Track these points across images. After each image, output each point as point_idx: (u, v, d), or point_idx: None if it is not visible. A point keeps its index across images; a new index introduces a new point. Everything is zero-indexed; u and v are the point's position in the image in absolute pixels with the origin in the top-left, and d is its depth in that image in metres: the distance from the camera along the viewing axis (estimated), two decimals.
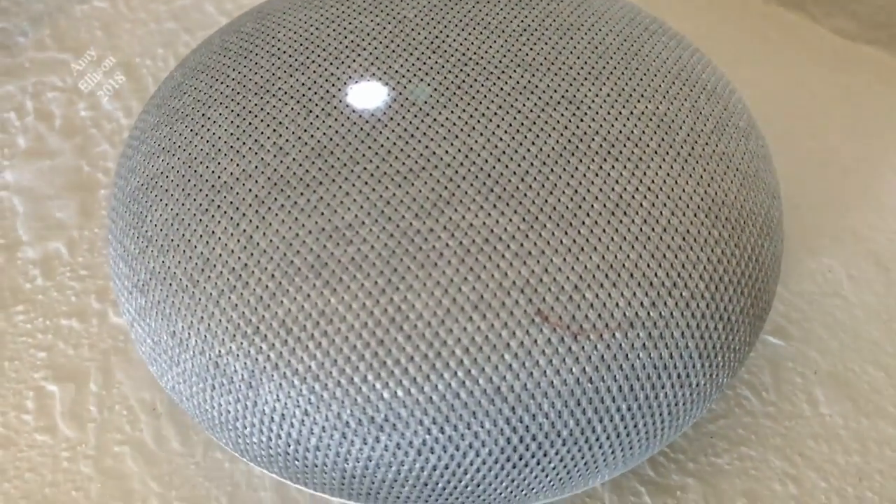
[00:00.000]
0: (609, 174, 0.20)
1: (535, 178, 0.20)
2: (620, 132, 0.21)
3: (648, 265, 0.19)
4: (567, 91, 0.21)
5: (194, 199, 0.21)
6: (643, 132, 0.21)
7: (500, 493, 0.19)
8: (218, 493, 0.23)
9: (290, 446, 0.19)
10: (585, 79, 0.22)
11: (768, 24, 0.35)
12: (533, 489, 0.20)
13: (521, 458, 0.19)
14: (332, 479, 0.20)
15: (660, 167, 0.21)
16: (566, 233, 0.19)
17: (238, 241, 0.20)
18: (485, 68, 0.22)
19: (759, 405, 0.25)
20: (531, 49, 0.22)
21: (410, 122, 0.21)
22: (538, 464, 0.19)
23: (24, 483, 0.24)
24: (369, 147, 0.21)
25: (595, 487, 0.23)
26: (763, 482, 0.23)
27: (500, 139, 0.21)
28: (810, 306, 0.27)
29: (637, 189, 0.20)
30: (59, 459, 0.24)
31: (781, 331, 0.26)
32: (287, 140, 0.21)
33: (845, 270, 0.28)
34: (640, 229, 0.20)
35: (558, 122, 0.21)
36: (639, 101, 0.22)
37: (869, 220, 0.29)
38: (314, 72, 0.22)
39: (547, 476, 0.19)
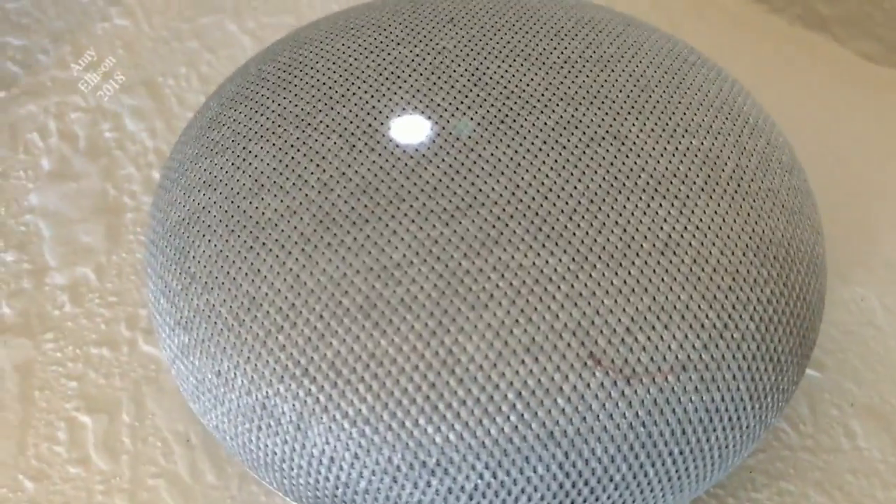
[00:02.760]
0: (657, 212, 0.20)
1: (583, 217, 0.20)
2: (667, 169, 0.21)
3: (699, 307, 0.19)
4: (611, 126, 0.21)
5: (238, 236, 0.20)
6: (689, 169, 0.21)
7: None
8: None
9: (338, 489, 0.19)
10: (629, 113, 0.22)
11: (792, 47, 0.35)
12: None
13: (572, 503, 0.19)
14: None
15: (707, 205, 0.20)
16: (616, 273, 0.19)
17: (285, 280, 0.20)
18: (527, 102, 0.22)
19: (798, 438, 0.25)
20: (573, 82, 0.22)
21: (455, 158, 0.21)
22: None
23: None
24: (415, 184, 0.20)
25: None
26: None
27: (547, 176, 0.20)
28: (845, 336, 0.27)
29: (686, 228, 0.20)
30: (94, 493, 0.24)
31: (816, 361, 0.26)
32: (331, 176, 0.21)
33: (879, 300, 0.28)
34: (690, 269, 0.19)
35: (604, 158, 0.21)
36: (683, 137, 0.22)
37: None
38: (355, 104, 0.22)
39: None
